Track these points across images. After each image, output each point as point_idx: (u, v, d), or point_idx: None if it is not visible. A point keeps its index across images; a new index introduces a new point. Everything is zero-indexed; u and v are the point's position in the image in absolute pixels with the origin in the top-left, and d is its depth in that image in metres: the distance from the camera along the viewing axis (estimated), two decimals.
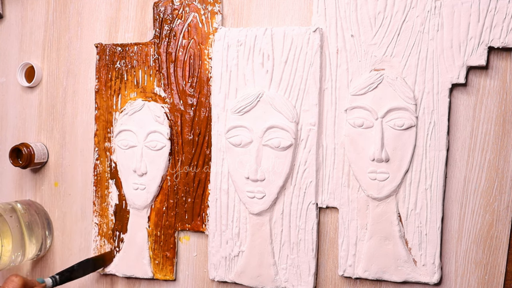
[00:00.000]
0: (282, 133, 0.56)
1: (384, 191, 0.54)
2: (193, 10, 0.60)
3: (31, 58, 0.69)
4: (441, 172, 0.53)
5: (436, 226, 0.53)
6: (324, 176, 0.57)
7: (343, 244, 0.56)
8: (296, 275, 0.57)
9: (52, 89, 0.68)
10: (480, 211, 0.53)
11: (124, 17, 0.65)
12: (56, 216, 0.68)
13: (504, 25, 0.50)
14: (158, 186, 0.61)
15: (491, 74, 0.52)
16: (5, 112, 0.71)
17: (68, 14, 0.67)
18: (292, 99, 0.56)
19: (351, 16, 0.55)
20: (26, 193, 0.70)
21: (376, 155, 0.54)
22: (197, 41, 0.60)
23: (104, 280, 0.66)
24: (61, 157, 0.68)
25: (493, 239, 0.52)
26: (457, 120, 0.53)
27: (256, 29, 0.57)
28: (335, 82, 0.56)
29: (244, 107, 0.57)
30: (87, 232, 0.67)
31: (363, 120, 0.54)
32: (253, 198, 0.57)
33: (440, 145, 0.53)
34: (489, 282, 0.53)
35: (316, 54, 0.55)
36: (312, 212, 0.56)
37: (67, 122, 0.68)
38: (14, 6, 0.70)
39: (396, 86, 0.53)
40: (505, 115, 0.52)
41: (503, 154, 0.52)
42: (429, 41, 0.52)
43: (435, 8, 0.52)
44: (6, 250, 0.60)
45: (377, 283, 0.56)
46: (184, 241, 0.62)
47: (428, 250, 0.53)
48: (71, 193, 0.68)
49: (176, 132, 0.61)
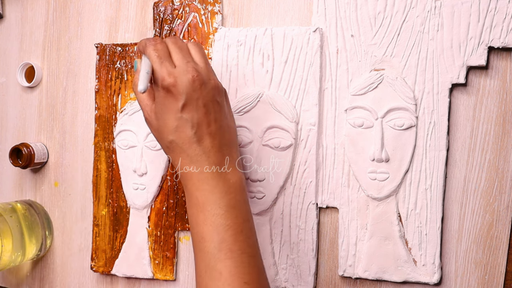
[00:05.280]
0: (282, 133, 0.56)
1: (384, 191, 0.54)
2: (193, 10, 0.60)
3: (31, 58, 0.69)
4: (441, 172, 0.53)
5: (436, 226, 0.53)
6: (324, 176, 0.57)
7: (343, 244, 0.56)
8: (296, 275, 0.57)
9: (52, 89, 0.68)
10: (480, 211, 0.53)
11: (124, 17, 0.65)
12: (56, 216, 0.68)
13: (504, 25, 0.50)
14: (158, 186, 0.61)
15: (491, 74, 0.52)
16: (5, 112, 0.71)
17: (68, 14, 0.67)
18: (292, 99, 0.56)
19: (351, 16, 0.55)
20: (26, 193, 0.70)
21: (376, 155, 0.54)
22: (197, 41, 0.60)
23: (104, 280, 0.66)
24: (61, 157, 0.68)
25: (493, 239, 0.52)
26: (457, 120, 0.53)
27: (256, 29, 0.57)
28: (335, 82, 0.56)
29: (244, 107, 0.57)
30: (87, 232, 0.67)
31: (363, 120, 0.54)
32: (253, 198, 0.57)
33: (440, 145, 0.53)
34: (489, 282, 0.53)
35: (316, 54, 0.55)
36: (312, 212, 0.56)
37: (67, 122, 0.68)
38: (14, 6, 0.70)
39: (396, 86, 0.53)
40: (505, 115, 0.52)
41: (503, 154, 0.52)
42: (429, 41, 0.52)
43: (435, 8, 0.52)
44: (6, 250, 0.60)
45: (377, 283, 0.56)
46: (184, 241, 0.62)
47: (428, 250, 0.53)
48: (71, 193, 0.68)
49: None
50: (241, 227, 0.42)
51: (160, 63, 0.43)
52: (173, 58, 0.45)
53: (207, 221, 0.42)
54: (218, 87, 0.45)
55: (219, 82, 0.46)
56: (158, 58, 0.44)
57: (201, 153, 0.43)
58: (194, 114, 0.43)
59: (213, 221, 0.42)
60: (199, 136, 0.43)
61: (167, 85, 0.42)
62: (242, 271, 0.40)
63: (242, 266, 0.41)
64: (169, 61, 0.44)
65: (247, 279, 0.40)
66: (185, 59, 0.44)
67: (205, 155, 0.43)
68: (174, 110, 0.43)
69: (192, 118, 0.43)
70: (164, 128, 0.44)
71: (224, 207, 0.42)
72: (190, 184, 0.44)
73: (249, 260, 0.41)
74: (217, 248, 0.41)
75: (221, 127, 0.45)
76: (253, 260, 0.42)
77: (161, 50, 0.44)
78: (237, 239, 0.41)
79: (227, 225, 0.42)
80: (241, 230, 0.42)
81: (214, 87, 0.45)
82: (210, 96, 0.44)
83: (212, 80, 0.45)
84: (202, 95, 0.43)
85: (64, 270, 0.68)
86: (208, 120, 0.44)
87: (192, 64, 0.44)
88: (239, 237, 0.42)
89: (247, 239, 0.42)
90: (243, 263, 0.41)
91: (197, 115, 0.43)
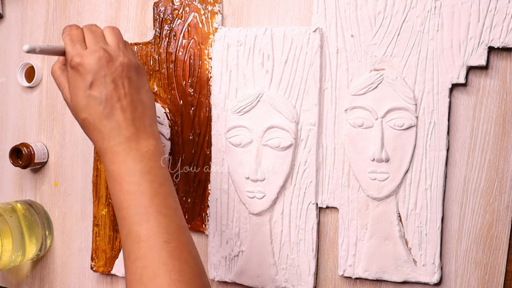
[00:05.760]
0: (282, 133, 0.56)
1: (384, 191, 0.54)
2: (193, 10, 0.60)
3: (31, 58, 0.69)
4: (441, 172, 0.53)
5: (436, 226, 0.53)
6: (324, 176, 0.57)
7: (343, 244, 0.56)
8: (296, 275, 0.57)
9: (52, 89, 0.68)
10: (480, 211, 0.53)
11: (124, 17, 0.65)
12: (56, 216, 0.68)
13: (504, 25, 0.50)
14: None
15: (491, 74, 0.52)
16: (5, 112, 0.71)
17: (68, 14, 0.67)
18: (292, 99, 0.56)
19: (351, 16, 0.55)
20: (26, 193, 0.70)
21: (376, 155, 0.54)
22: (197, 41, 0.60)
23: (104, 280, 0.66)
24: (61, 157, 0.68)
25: (493, 239, 0.52)
26: (457, 120, 0.53)
27: (256, 29, 0.57)
28: (335, 82, 0.56)
29: (244, 107, 0.57)
30: (87, 232, 0.67)
31: (363, 120, 0.54)
32: (253, 198, 0.57)
33: (440, 145, 0.53)
34: (489, 282, 0.53)
35: (316, 54, 0.55)
36: (312, 212, 0.56)
37: (67, 122, 0.68)
38: (14, 6, 0.70)
39: (396, 86, 0.53)
40: (505, 115, 0.52)
41: (503, 154, 0.52)
42: (429, 41, 0.52)
43: (435, 8, 0.52)
44: (6, 250, 0.60)
45: (377, 283, 0.56)
46: None
47: (428, 250, 0.53)
48: (71, 193, 0.68)
49: (177, 132, 0.61)
50: (156, 191, 0.43)
51: (72, 45, 0.46)
52: (86, 41, 0.47)
53: (123, 190, 0.43)
54: (128, 63, 0.46)
55: (132, 59, 0.48)
56: (71, 41, 0.46)
57: (112, 127, 0.44)
58: (102, 90, 0.44)
59: (128, 189, 0.43)
60: (109, 111, 0.44)
61: (75, 64, 0.44)
62: (160, 231, 0.41)
63: (159, 227, 0.41)
64: (80, 43, 0.46)
65: (166, 238, 0.41)
66: (95, 41, 0.46)
67: (116, 129, 0.44)
68: (83, 88, 0.44)
69: (101, 94, 0.44)
70: (76, 107, 0.45)
71: (137, 175, 0.43)
72: (106, 159, 0.45)
73: (165, 220, 0.42)
74: (134, 213, 0.42)
75: (132, 101, 0.46)
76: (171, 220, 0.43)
77: (75, 35, 0.47)
78: (152, 202, 0.42)
79: (141, 191, 0.43)
80: (156, 194, 0.43)
81: (122, 63, 0.46)
82: (119, 72, 0.45)
83: (121, 57, 0.46)
84: (110, 71, 0.45)
85: (64, 270, 0.68)
86: (118, 95, 0.45)
87: (101, 44, 0.46)
88: (154, 200, 0.43)
89: (163, 201, 0.43)
90: (160, 223, 0.42)
91: (105, 91, 0.44)
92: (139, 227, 0.42)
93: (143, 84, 0.48)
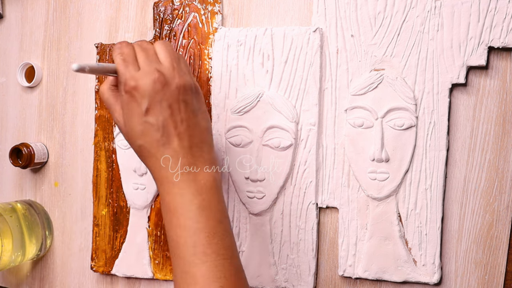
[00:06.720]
0: (282, 133, 0.56)
1: (384, 191, 0.54)
2: (193, 10, 0.60)
3: (31, 58, 0.69)
4: (441, 172, 0.53)
5: (436, 226, 0.53)
6: (324, 176, 0.57)
7: (343, 244, 0.56)
8: (296, 275, 0.57)
9: (52, 89, 0.68)
10: (480, 211, 0.53)
11: (124, 17, 0.65)
12: (56, 216, 0.68)
13: (504, 25, 0.50)
14: None
15: (491, 74, 0.52)
16: (5, 112, 0.71)
17: (68, 14, 0.67)
18: (292, 99, 0.56)
19: (351, 16, 0.55)
20: (26, 193, 0.70)
21: (376, 155, 0.54)
22: (197, 41, 0.60)
23: (104, 280, 0.66)
24: (61, 157, 0.68)
25: (493, 239, 0.52)
26: (457, 120, 0.53)
27: (256, 29, 0.57)
28: (335, 82, 0.56)
29: (244, 107, 0.57)
30: (87, 232, 0.67)
31: (363, 120, 0.54)
32: (253, 198, 0.57)
33: (440, 145, 0.53)
34: (489, 282, 0.53)
35: (316, 54, 0.55)
36: (312, 212, 0.56)
37: (67, 122, 0.68)
38: (14, 6, 0.70)
39: (396, 86, 0.53)
40: (505, 115, 0.52)
41: (503, 154, 0.52)
42: (429, 41, 0.52)
43: (435, 8, 0.52)
44: (6, 250, 0.60)
45: (377, 283, 0.56)
46: None
47: (428, 250, 0.53)
48: (71, 193, 0.68)
49: None
50: (214, 229, 0.41)
51: (125, 66, 0.43)
52: (138, 60, 0.44)
53: (179, 225, 0.41)
54: (184, 85, 0.44)
55: (188, 79, 0.45)
56: (123, 61, 0.43)
57: (169, 156, 0.42)
58: (158, 116, 0.42)
59: (185, 224, 0.41)
60: (166, 139, 0.42)
61: (129, 89, 0.42)
62: (217, 275, 0.39)
63: (216, 270, 0.40)
64: (133, 64, 0.43)
65: (223, 283, 0.39)
66: (148, 60, 0.43)
67: (173, 158, 0.42)
68: (138, 114, 0.42)
69: (157, 120, 0.42)
70: (131, 133, 0.43)
71: (195, 209, 0.41)
72: (162, 188, 0.43)
73: (224, 262, 0.40)
74: (191, 253, 0.40)
75: (189, 127, 0.43)
76: (229, 262, 0.41)
77: (127, 54, 0.44)
78: (210, 242, 0.40)
79: (198, 228, 0.40)
80: (214, 232, 0.41)
81: (179, 86, 0.43)
82: (175, 96, 0.43)
83: (177, 79, 0.43)
84: (165, 96, 0.42)
85: (64, 270, 0.68)
86: (174, 121, 0.42)
87: (154, 65, 0.43)
88: (212, 239, 0.40)
89: (221, 241, 0.41)
90: (217, 266, 0.40)
91: (162, 117, 0.42)
92: (196, 269, 0.39)
93: (199, 106, 0.45)
